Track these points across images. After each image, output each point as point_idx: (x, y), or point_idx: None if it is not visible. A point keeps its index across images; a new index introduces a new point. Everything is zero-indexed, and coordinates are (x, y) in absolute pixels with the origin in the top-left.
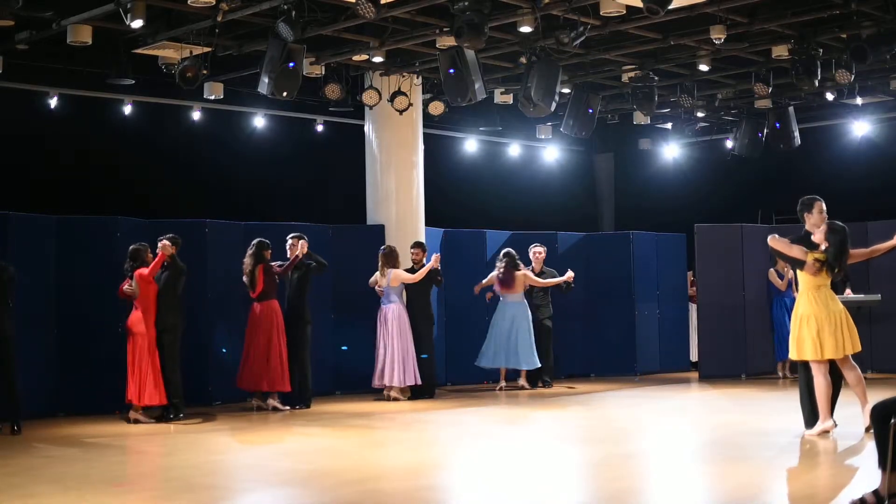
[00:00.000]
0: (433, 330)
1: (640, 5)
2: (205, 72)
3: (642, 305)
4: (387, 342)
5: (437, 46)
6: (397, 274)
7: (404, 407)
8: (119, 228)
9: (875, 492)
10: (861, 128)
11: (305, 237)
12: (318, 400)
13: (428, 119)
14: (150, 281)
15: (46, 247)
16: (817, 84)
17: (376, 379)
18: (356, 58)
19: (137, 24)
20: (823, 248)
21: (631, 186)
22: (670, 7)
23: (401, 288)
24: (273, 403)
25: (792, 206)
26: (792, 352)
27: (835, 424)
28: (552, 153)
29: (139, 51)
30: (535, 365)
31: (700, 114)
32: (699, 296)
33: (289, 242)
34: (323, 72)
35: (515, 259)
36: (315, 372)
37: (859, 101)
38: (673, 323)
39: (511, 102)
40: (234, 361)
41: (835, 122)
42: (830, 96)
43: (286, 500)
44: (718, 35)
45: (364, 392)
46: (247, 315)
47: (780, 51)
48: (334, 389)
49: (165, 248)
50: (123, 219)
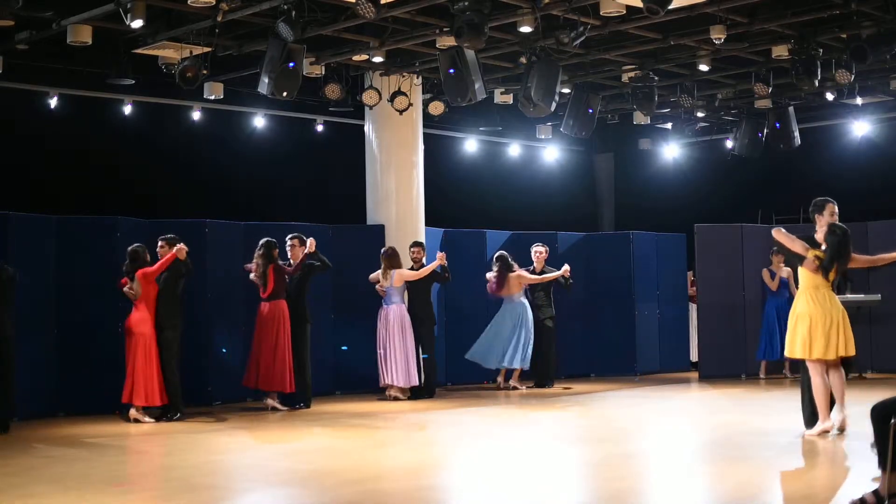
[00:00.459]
0: (434, 330)
1: (640, 5)
2: (205, 72)
3: (642, 305)
4: (388, 342)
5: (437, 46)
6: (401, 273)
7: (404, 407)
8: (119, 228)
9: (875, 492)
10: (861, 128)
11: (304, 237)
12: (318, 400)
13: (428, 119)
14: (152, 281)
15: (46, 247)
16: (817, 84)
17: (382, 378)
18: (356, 58)
19: (137, 24)
20: (823, 248)
21: (631, 186)
22: (670, 7)
23: (403, 288)
24: (272, 403)
25: (792, 206)
26: (787, 348)
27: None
28: (552, 153)
29: (139, 51)
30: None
31: (700, 114)
32: (699, 296)
33: (288, 243)
34: (323, 72)
35: (508, 261)
36: (315, 372)
37: (859, 101)
38: (673, 323)
39: (511, 102)
40: (235, 361)
41: (835, 122)
42: (830, 96)
43: (286, 500)
44: (718, 35)
45: (364, 392)
46: (247, 315)
47: (780, 51)
48: (334, 389)
49: (181, 252)
50: (123, 219)
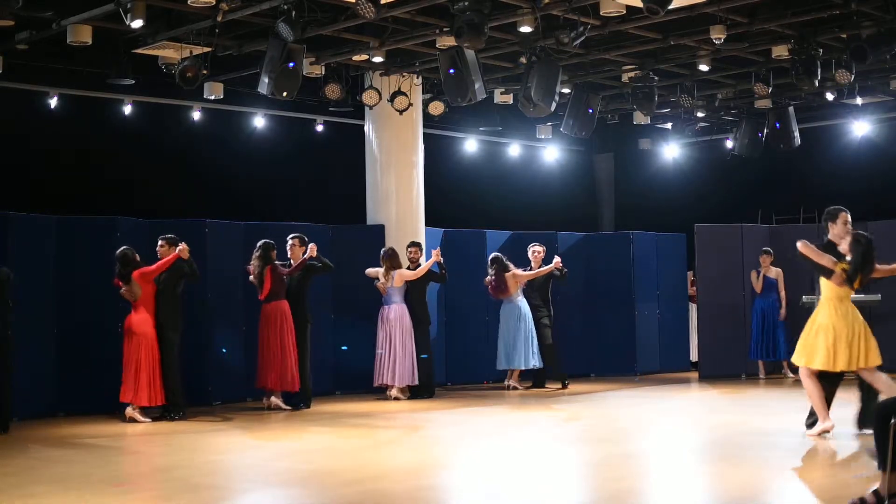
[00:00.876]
0: (430, 330)
1: (640, 5)
2: (205, 72)
3: (642, 305)
4: (388, 342)
5: (437, 46)
6: (401, 273)
7: (404, 407)
8: (119, 228)
9: (875, 492)
10: (861, 128)
11: (305, 238)
12: (318, 400)
13: (428, 119)
14: (151, 280)
15: (46, 247)
16: (817, 84)
17: (377, 378)
18: (356, 58)
19: (137, 24)
20: (848, 259)
21: (631, 186)
22: (670, 7)
23: (403, 288)
24: (276, 402)
25: (792, 206)
26: (800, 357)
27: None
28: (552, 153)
29: (139, 51)
30: (530, 365)
31: (700, 114)
32: (699, 296)
33: (289, 243)
34: (323, 72)
35: (503, 262)
36: (315, 372)
37: (859, 101)
38: (673, 323)
39: (511, 102)
40: (235, 361)
41: (835, 122)
42: (830, 96)
43: (286, 500)
44: (718, 35)
45: (364, 392)
46: (247, 315)
47: (780, 51)
48: (334, 389)
49: (184, 252)
50: (123, 219)
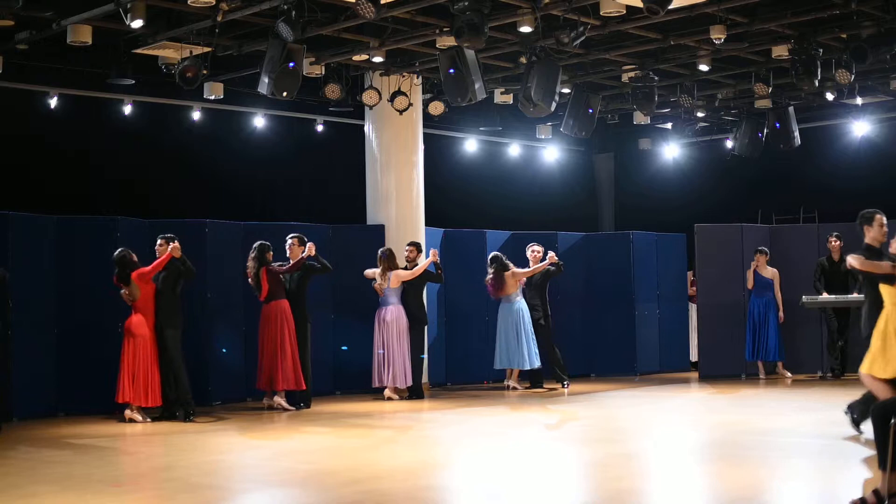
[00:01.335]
0: (424, 330)
1: (640, 5)
2: (205, 72)
3: (642, 305)
4: (385, 343)
5: (437, 46)
6: (398, 274)
7: (404, 407)
8: (119, 228)
9: (875, 492)
10: (861, 128)
11: (304, 238)
12: (318, 400)
13: (428, 119)
14: (149, 280)
15: (46, 247)
16: (817, 84)
17: (376, 379)
18: (356, 58)
19: (137, 24)
20: None
21: (631, 186)
22: (670, 7)
23: (400, 289)
24: (279, 402)
25: (792, 206)
26: (881, 369)
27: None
28: (552, 153)
29: (139, 51)
30: (531, 365)
31: (700, 114)
32: (699, 295)
33: (288, 243)
34: (323, 72)
35: (503, 261)
36: (315, 372)
37: (859, 101)
38: (673, 323)
39: (511, 102)
40: (235, 361)
41: (835, 122)
42: (830, 96)
43: (286, 500)
44: (718, 35)
45: (364, 392)
46: (247, 315)
47: (780, 51)
48: (334, 389)
49: (175, 251)
50: (123, 219)
